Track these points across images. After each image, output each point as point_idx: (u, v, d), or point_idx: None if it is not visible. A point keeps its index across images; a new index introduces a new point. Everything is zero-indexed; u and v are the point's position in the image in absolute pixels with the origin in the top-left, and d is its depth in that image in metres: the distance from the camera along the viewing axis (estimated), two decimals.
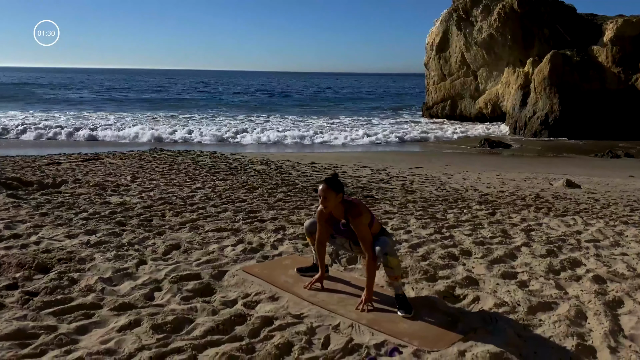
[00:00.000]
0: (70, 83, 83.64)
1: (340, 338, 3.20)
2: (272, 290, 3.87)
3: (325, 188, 3.59)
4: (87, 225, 5.54)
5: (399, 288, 3.65)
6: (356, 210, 3.58)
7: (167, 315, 3.40)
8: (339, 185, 3.63)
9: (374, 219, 3.66)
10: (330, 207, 3.63)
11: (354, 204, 3.62)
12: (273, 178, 9.74)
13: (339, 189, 3.60)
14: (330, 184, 3.60)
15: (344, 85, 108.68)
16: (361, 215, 3.57)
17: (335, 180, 3.64)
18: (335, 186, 3.60)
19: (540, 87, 28.40)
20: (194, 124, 30.11)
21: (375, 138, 26.32)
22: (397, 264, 3.60)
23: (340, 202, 3.62)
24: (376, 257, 3.56)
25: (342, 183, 3.67)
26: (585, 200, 9.39)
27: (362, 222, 3.57)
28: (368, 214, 3.63)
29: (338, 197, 3.60)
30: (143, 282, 3.98)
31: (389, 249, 3.55)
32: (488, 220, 6.67)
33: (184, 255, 4.68)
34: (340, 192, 3.60)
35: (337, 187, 3.61)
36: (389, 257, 3.53)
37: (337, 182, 3.63)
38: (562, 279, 4.42)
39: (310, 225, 4.05)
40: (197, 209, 6.52)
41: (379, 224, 3.76)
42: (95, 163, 11.18)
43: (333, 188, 3.58)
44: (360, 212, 3.58)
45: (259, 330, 3.29)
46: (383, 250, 3.52)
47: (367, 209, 3.67)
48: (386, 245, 3.55)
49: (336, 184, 3.61)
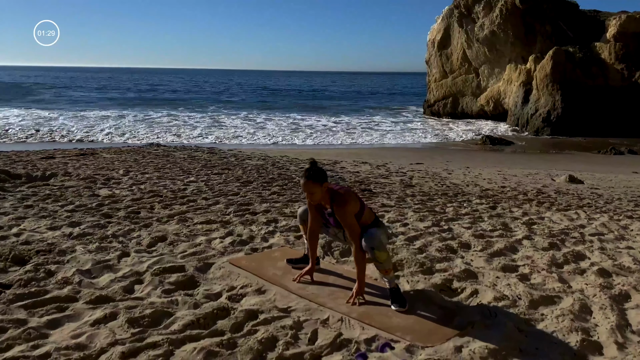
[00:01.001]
0: (97, 83, 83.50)
1: (329, 333, 2.99)
2: (259, 283, 3.67)
3: (306, 182, 3.34)
4: (71, 217, 5.34)
5: (392, 281, 3.44)
6: (341, 198, 3.35)
7: (145, 308, 3.20)
8: (320, 174, 3.34)
9: (364, 209, 3.44)
10: (317, 199, 3.41)
11: (339, 193, 3.38)
12: (269, 172, 9.54)
13: (321, 179, 3.33)
14: (311, 177, 3.32)
15: (343, 84, 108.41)
16: (346, 203, 3.33)
17: (315, 171, 3.34)
18: (316, 177, 3.33)
19: (543, 84, 28.14)
20: (193, 123, 29.94)
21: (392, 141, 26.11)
22: (387, 257, 3.37)
23: (326, 190, 3.40)
24: (357, 243, 3.35)
25: (323, 171, 3.38)
26: (588, 196, 9.19)
27: (348, 211, 3.33)
28: (356, 203, 3.40)
29: (323, 187, 3.35)
30: (123, 274, 3.78)
31: (376, 243, 3.31)
32: (488, 214, 6.46)
33: (169, 247, 4.48)
34: (323, 181, 3.34)
35: (319, 177, 3.32)
36: (376, 251, 3.30)
37: (318, 172, 3.34)
38: (565, 272, 4.21)
39: (304, 212, 3.84)
40: (187, 201, 6.32)
41: (372, 214, 3.54)
42: (89, 158, 10.99)
43: (314, 180, 3.32)
44: (346, 201, 3.35)
45: (242, 324, 3.08)
46: (369, 244, 3.30)
47: (355, 197, 3.44)
48: (373, 239, 3.31)
49: (317, 175, 3.32)
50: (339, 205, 3.33)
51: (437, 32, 35.52)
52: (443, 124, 31.95)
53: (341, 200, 3.33)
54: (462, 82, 34.64)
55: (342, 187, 3.49)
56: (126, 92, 60.60)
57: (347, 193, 3.41)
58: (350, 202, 3.34)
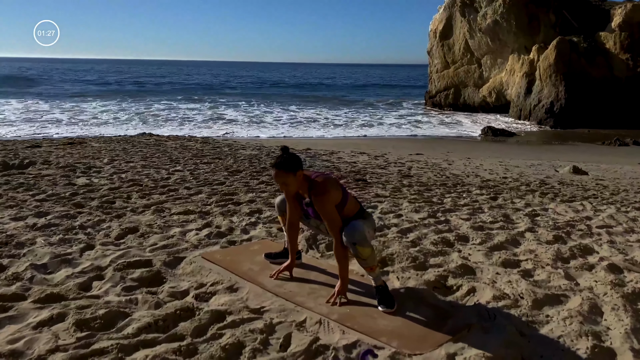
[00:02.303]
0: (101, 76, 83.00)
1: (304, 338, 2.62)
2: (231, 280, 3.30)
3: (277, 173, 2.95)
4: (40, 207, 4.97)
5: (378, 278, 3.07)
6: (319, 187, 2.96)
7: (98, 308, 2.83)
8: (292, 162, 2.96)
9: (347, 199, 3.06)
10: (293, 190, 3.03)
11: (316, 181, 3.00)
12: (262, 162, 9.16)
13: (294, 167, 2.95)
14: (281, 166, 2.94)
15: (343, 75, 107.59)
16: (326, 193, 2.95)
17: (287, 159, 2.95)
18: (287, 165, 2.94)
19: (546, 74, 27.63)
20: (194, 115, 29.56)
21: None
22: (370, 253, 2.98)
23: (303, 178, 3.01)
24: (337, 237, 2.98)
25: (296, 157, 3.00)
26: (593, 187, 8.81)
27: (327, 201, 2.95)
28: (337, 191, 3.01)
29: (298, 176, 2.97)
30: (82, 269, 3.41)
31: (358, 237, 2.93)
32: (489, 205, 6.07)
33: (139, 239, 4.10)
34: (296, 169, 2.96)
35: (290, 165, 2.94)
36: (358, 247, 2.92)
37: (290, 160, 2.95)
38: (572, 267, 3.82)
39: (281, 202, 3.46)
40: (168, 191, 5.94)
41: (356, 204, 3.16)
42: (76, 147, 10.62)
43: (286, 169, 2.94)
44: (325, 190, 2.96)
45: (206, 327, 2.71)
46: (350, 239, 2.91)
47: (336, 185, 3.06)
48: (354, 233, 2.92)
49: (289, 163, 2.94)
50: (317, 195, 2.95)
51: (439, 22, 34.96)
52: (446, 116, 31.48)
53: (319, 189, 2.95)
54: (464, 72, 34.11)
55: (321, 174, 3.09)
56: (124, 83, 60.07)
57: (327, 181, 3.02)
58: (329, 191, 2.95)
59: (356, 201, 3.18)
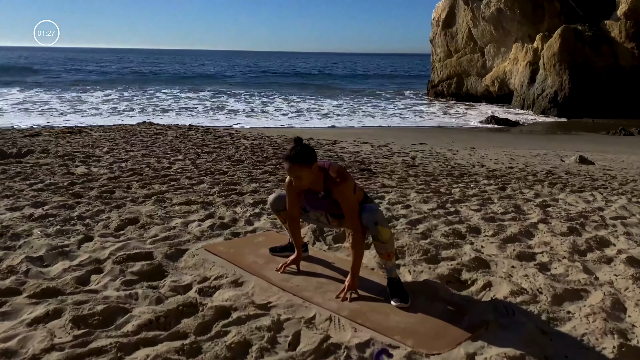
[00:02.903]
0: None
1: (314, 336, 2.48)
2: (236, 274, 3.15)
3: (292, 167, 2.76)
4: (37, 197, 4.82)
5: (392, 270, 2.93)
6: (340, 175, 2.82)
7: (97, 304, 2.69)
8: (308, 154, 2.77)
9: (356, 186, 2.95)
10: (307, 183, 2.85)
11: (333, 170, 2.85)
12: (264, 152, 9.00)
13: (310, 159, 2.76)
14: (297, 159, 2.75)
15: (344, 65, 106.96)
16: (347, 180, 2.84)
17: (302, 151, 2.76)
18: (304, 159, 2.75)
19: (550, 63, 27.32)
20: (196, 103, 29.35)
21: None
22: (390, 236, 2.88)
23: (318, 170, 2.84)
24: (364, 229, 2.84)
25: (310, 149, 2.82)
26: (601, 177, 8.65)
27: (348, 189, 2.83)
28: (352, 179, 2.91)
29: (313, 169, 2.79)
30: (80, 262, 3.27)
31: (379, 217, 2.83)
32: (498, 195, 5.92)
33: (139, 231, 3.95)
34: (312, 161, 2.77)
35: (307, 158, 2.76)
36: (379, 227, 2.81)
37: (305, 152, 2.77)
38: (589, 260, 3.68)
39: (275, 200, 3.28)
40: (169, 180, 5.78)
41: (361, 191, 3.04)
42: (76, 135, 10.46)
43: (301, 161, 2.75)
44: (345, 177, 2.85)
45: (210, 324, 2.57)
46: (372, 218, 2.80)
47: (348, 172, 2.94)
48: (375, 213, 2.82)
49: (304, 156, 2.76)
50: (339, 184, 2.79)
51: (442, 10, 34.54)
52: (449, 106, 31.24)
53: (339, 177, 2.81)
54: (467, 61, 33.76)
55: (329, 163, 2.93)
56: (124, 72, 59.71)
57: (342, 168, 2.91)
58: (348, 178, 2.85)
59: (360, 188, 3.07)
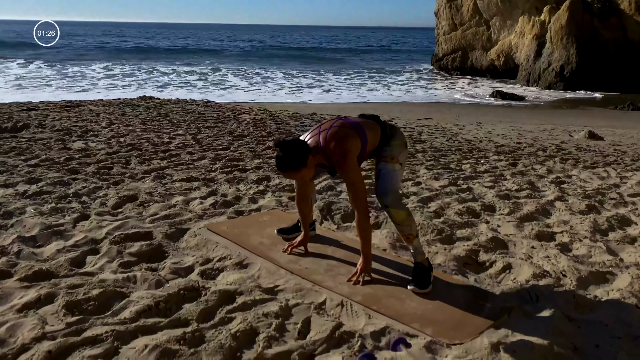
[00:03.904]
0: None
1: (325, 323, 2.30)
2: (241, 255, 2.97)
3: (286, 174, 2.51)
4: (32, 173, 4.63)
5: (417, 252, 2.71)
6: (338, 153, 2.49)
7: (92, 288, 2.52)
8: (298, 154, 2.44)
9: (366, 138, 2.59)
10: (310, 176, 2.60)
11: (330, 147, 2.51)
12: (267, 127, 8.76)
13: (301, 159, 2.45)
14: (288, 167, 2.45)
15: (346, 39, 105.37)
16: (346, 158, 2.48)
17: (289, 156, 2.43)
18: (294, 163, 2.44)
19: (557, 36, 26.75)
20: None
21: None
22: (405, 218, 2.63)
23: (316, 157, 2.55)
24: (365, 210, 2.59)
25: (297, 145, 2.46)
26: (611, 153, 8.43)
27: (350, 166, 2.50)
28: (355, 141, 2.54)
29: (309, 164, 2.50)
30: (75, 242, 3.09)
31: (390, 199, 2.60)
32: (510, 172, 5.71)
33: (138, 209, 3.77)
34: (305, 158, 2.46)
35: (298, 160, 2.44)
36: (390, 210, 2.61)
37: (293, 155, 2.43)
38: (612, 241, 3.49)
39: None
40: (169, 156, 5.58)
41: (375, 132, 2.66)
42: (74, 110, 10.20)
43: (294, 167, 2.45)
44: (345, 153, 2.48)
45: (214, 310, 2.40)
46: (382, 200, 2.62)
47: (350, 134, 2.54)
48: (387, 194, 2.60)
49: (294, 160, 2.43)
50: (341, 165, 2.51)
51: None
52: (453, 80, 30.76)
53: (339, 155, 2.49)
54: (472, 35, 33.10)
55: (324, 138, 2.55)
56: (123, 46, 58.87)
57: (341, 141, 2.51)
58: (347, 152, 2.50)
59: (374, 127, 2.69)
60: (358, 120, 2.71)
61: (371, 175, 4.97)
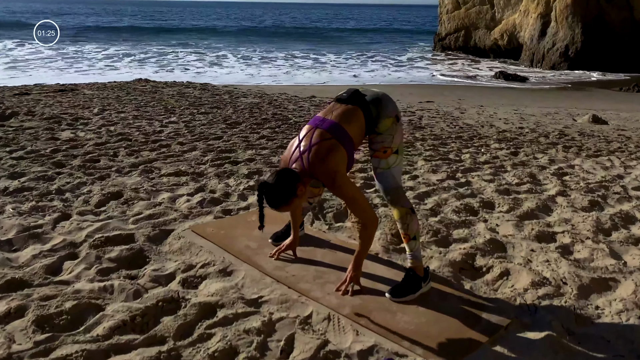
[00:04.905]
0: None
1: (310, 340, 2.17)
2: (225, 261, 2.83)
3: (279, 210, 2.30)
4: (16, 166, 4.48)
5: (412, 257, 2.56)
6: (325, 174, 2.29)
7: (65, 300, 2.39)
8: (285, 189, 2.23)
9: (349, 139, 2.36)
10: (304, 202, 2.48)
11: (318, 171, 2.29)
12: (263, 112, 8.56)
13: (290, 192, 2.24)
14: (279, 204, 2.25)
15: (345, 17, 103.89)
16: (334, 178, 2.29)
17: (277, 194, 2.23)
18: (283, 198, 2.24)
19: (562, 15, 26.25)
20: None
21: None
22: (403, 216, 2.50)
23: (305, 184, 2.34)
24: (372, 220, 2.42)
25: (284, 178, 2.24)
26: (616, 138, 8.23)
27: (341, 185, 2.32)
28: (339, 153, 2.32)
29: (300, 192, 2.29)
30: (53, 246, 2.95)
31: (392, 196, 2.49)
32: (511, 162, 5.54)
33: (121, 207, 3.62)
34: (294, 190, 2.25)
35: (286, 194, 2.24)
36: (391, 206, 2.53)
37: (281, 191, 2.23)
38: (615, 241, 3.34)
39: None
40: (159, 147, 5.41)
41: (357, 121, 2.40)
42: (68, 94, 10.00)
43: (286, 202, 2.25)
44: (331, 175, 2.28)
45: (193, 325, 2.27)
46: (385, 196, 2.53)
47: (332, 144, 2.30)
48: (388, 192, 2.49)
49: (282, 196, 2.23)
50: (333, 186, 2.32)
51: None
52: (456, 60, 30.31)
53: (327, 177, 2.29)
54: (476, 13, 32.54)
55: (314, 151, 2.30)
56: (118, 25, 58.15)
57: (325, 160, 2.28)
58: (335, 175, 2.29)
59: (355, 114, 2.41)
60: (335, 119, 2.39)
61: (367, 168, 4.81)
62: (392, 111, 2.47)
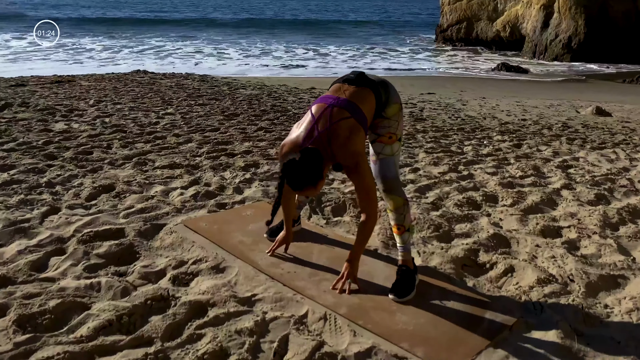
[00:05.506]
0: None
1: (305, 342, 2.06)
2: (218, 257, 2.72)
3: (302, 192, 2.24)
4: (6, 159, 4.36)
5: (404, 250, 2.46)
6: (349, 157, 2.18)
7: (49, 298, 2.28)
8: (314, 168, 2.11)
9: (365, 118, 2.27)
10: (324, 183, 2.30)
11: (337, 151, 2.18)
12: (262, 104, 8.43)
13: (318, 173, 2.12)
14: (306, 184, 2.13)
15: (347, 8, 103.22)
16: (358, 163, 2.18)
17: (306, 174, 2.11)
18: (312, 179, 2.12)
19: (565, 6, 25.98)
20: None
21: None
22: (400, 206, 2.40)
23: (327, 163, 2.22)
24: (375, 215, 2.33)
25: (313, 156, 2.11)
26: (620, 130, 8.11)
27: (364, 171, 2.22)
28: (360, 135, 2.22)
29: (325, 175, 2.21)
30: (40, 241, 2.84)
31: (390, 185, 2.37)
32: (514, 154, 5.42)
33: (113, 201, 3.50)
34: (322, 171, 2.14)
35: (315, 175, 2.12)
36: (387, 194, 2.41)
37: (309, 170, 2.11)
38: (623, 237, 3.23)
39: None
40: (154, 138, 5.29)
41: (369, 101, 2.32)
42: (64, 85, 9.87)
43: (314, 183, 2.14)
44: (356, 159, 2.17)
45: (182, 325, 2.16)
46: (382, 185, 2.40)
47: (352, 125, 2.20)
48: (386, 180, 2.37)
49: (311, 176, 2.11)
50: (352, 171, 2.22)
51: None
52: (458, 52, 30.07)
53: (351, 160, 2.19)
54: (478, 4, 32.22)
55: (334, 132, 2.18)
56: (116, 17, 57.79)
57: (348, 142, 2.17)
58: (360, 155, 2.20)
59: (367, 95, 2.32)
60: (348, 97, 2.27)
61: None
62: (397, 95, 2.46)
